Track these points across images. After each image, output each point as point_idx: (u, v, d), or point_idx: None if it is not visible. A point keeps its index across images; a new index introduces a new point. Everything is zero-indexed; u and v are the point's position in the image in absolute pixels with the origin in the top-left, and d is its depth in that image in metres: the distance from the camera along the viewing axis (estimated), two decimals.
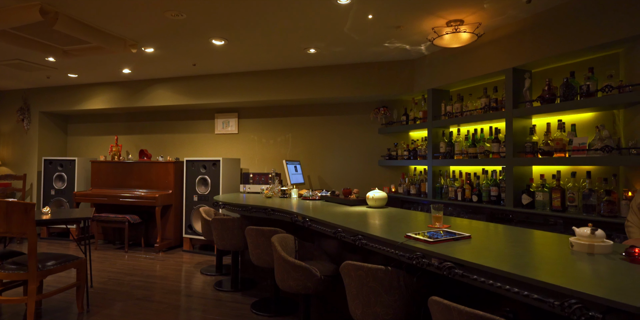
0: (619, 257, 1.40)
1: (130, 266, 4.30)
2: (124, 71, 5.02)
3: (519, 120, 3.25)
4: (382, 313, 1.73)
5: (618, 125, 2.78)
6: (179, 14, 3.11)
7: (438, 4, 2.89)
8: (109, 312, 2.94)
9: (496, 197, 3.39)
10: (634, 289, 1.08)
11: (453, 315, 1.29)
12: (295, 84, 4.81)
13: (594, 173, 2.87)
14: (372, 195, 3.03)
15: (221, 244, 3.42)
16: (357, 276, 1.79)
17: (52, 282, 3.62)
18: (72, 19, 3.20)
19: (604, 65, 2.83)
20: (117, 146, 5.69)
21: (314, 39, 3.71)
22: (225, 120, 5.59)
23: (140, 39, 3.76)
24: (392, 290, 1.72)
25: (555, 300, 1.09)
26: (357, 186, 4.85)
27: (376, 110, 4.77)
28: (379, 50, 4.05)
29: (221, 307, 3.10)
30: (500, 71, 3.36)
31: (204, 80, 5.20)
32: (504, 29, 3.30)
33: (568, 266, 1.34)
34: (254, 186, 4.71)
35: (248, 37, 3.68)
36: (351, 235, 2.09)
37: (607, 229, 2.54)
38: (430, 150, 4.08)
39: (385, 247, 1.83)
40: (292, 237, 2.69)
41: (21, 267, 2.55)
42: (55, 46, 3.89)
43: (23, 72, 5.05)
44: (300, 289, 2.30)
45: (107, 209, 5.48)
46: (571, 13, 2.81)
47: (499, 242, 1.77)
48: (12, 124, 6.21)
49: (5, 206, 2.50)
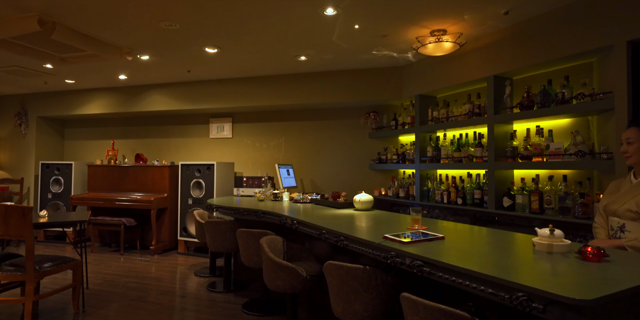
0: (574, 256, 1.52)
1: (126, 268, 4.39)
2: (120, 77, 5.13)
3: (500, 125, 3.38)
4: (361, 310, 1.84)
5: (592, 131, 2.92)
6: (172, 24, 3.23)
7: (421, 14, 3.02)
8: (104, 313, 3.04)
9: (479, 200, 3.51)
10: (576, 284, 1.20)
11: (419, 309, 1.41)
12: (288, 89, 4.93)
13: (571, 177, 3.00)
14: (359, 198, 3.15)
15: (214, 246, 3.52)
16: (338, 275, 1.90)
17: (48, 284, 3.71)
18: (69, 28, 3.31)
19: (579, 73, 2.97)
20: (113, 150, 5.79)
21: (304, 47, 3.83)
22: (220, 125, 5.70)
23: (136, 47, 3.88)
24: (370, 288, 1.83)
25: (505, 294, 1.21)
26: (348, 189, 4.96)
27: (366, 115, 4.90)
28: (368, 57, 4.18)
29: (214, 307, 3.20)
30: (482, 78, 3.49)
31: (199, 86, 5.31)
32: (485, 39, 3.44)
33: (525, 264, 1.46)
34: (247, 189, 4.82)
35: (240, 45, 3.80)
36: (334, 236, 2.20)
37: (581, 230, 2.67)
38: (418, 154, 4.21)
39: (364, 248, 1.94)
40: (280, 238, 2.79)
41: (19, 269, 2.65)
42: (53, 54, 4.00)
43: (21, 78, 5.15)
44: (287, 288, 2.41)
45: (104, 212, 5.57)
46: (548, 24, 2.95)
47: (470, 242, 1.89)
48: (9, 129, 6.30)
49: (4, 210, 2.60)
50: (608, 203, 2.01)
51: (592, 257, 1.45)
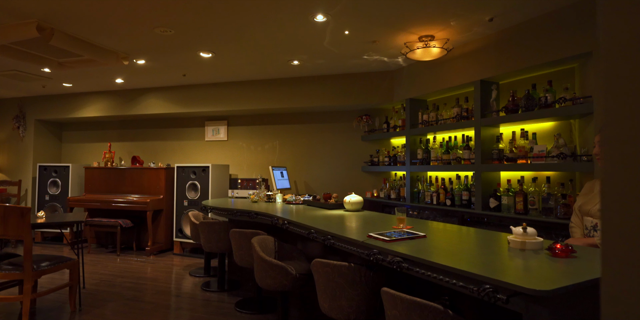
0: (545, 253, 1.61)
1: (122, 269, 4.46)
2: (117, 81, 5.21)
3: (487, 128, 3.47)
4: (347, 306, 1.92)
5: (574, 134, 3.02)
6: (167, 30, 3.32)
7: (408, 21, 3.12)
8: (100, 312, 3.11)
9: (467, 201, 3.60)
10: (540, 277, 1.28)
11: (397, 303, 1.49)
12: (282, 93, 5.03)
13: (554, 178, 3.09)
14: (349, 199, 3.23)
15: (208, 247, 3.60)
16: (325, 273, 1.99)
17: (45, 284, 3.77)
18: (66, 34, 3.40)
19: (561, 78, 3.07)
20: (110, 153, 5.86)
21: (296, 52, 3.93)
22: (215, 128, 5.79)
23: (132, 52, 3.96)
24: (354, 284, 1.91)
25: (474, 286, 1.29)
26: (341, 191, 5.05)
27: (359, 119, 4.99)
28: (359, 62, 4.28)
29: (207, 306, 3.27)
30: (469, 83, 3.59)
31: (194, 90, 5.40)
32: (472, 44, 3.54)
33: (498, 259, 1.54)
34: (242, 191, 4.90)
35: (234, 50, 3.90)
36: (322, 235, 2.29)
37: (564, 230, 2.76)
38: (409, 156, 4.30)
39: (350, 246, 2.03)
40: (272, 238, 2.87)
41: (17, 268, 2.72)
42: (51, 58, 4.08)
43: (20, 82, 5.23)
44: (277, 286, 2.49)
45: (100, 213, 5.64)
46: (531, 31, 3.06)
47: (450, 241, 1.98)
48: (7, 132, 6.37)
49: (3, 210, 2.68)
50: (582, 203, 2.10)
51: (560, 253, 1.54)
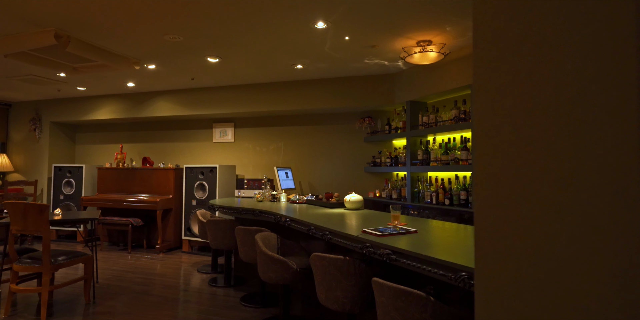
0: None
1: (133, 265, 4.65)
2: (129, 84, 5.42)
3: None
4: (342, 296, 2.06)
5: None
6: (176, 37, 3.49)
7: (405, 27, 3.25)
8: (112, 304, 3.28)
9: (465, 201, 3.71)
10: None
11: (384, 291, 1.62)
12: (286, 96, 5.18)
13: None
14: (349, 198, 3.36)
15: (215, 244, 3.76)
16: (322, 265, 2.13)
17: (60, 279, 3.97)
18: (82, 41, 3.59)
19: None
20: (121, 154, 6.08)
21: (299, 56, 4.08)
22: (222, 130, 5.97)
23: (143, 58, 4.15)
24: (349, 276, 2.05)
25: (452, 274, 1.42)
26: (344, 191, 5.18)
27: (361, 120, 5.12)
28: (360, 65, 4.42)
29: (214, 300, 3.43)
30: (466, 85, 3.70)
31: (202, 93, 5.59)
32: (467, 49, 3.66)
33: None
34: (248, 191, 5.06)
35: (240, 55, 4.06)
36: (320, 231, 2.42)
37: None
38: (409, 157, 4.42)
39: (345, 241, 2.16)
40: (274, 235, 3.02)
41: (36, 261, 2.91)
42: (66, 64, 4.29)
43: (36, 86, 5.46)
44: (279, 279, 2.63)
45: (112, 212, 5.85)
46: None
47: (440, 236, 2.10)
48: (24, 133, 6.63)
49: (23, 207, 2.87)
50: None
51: None
